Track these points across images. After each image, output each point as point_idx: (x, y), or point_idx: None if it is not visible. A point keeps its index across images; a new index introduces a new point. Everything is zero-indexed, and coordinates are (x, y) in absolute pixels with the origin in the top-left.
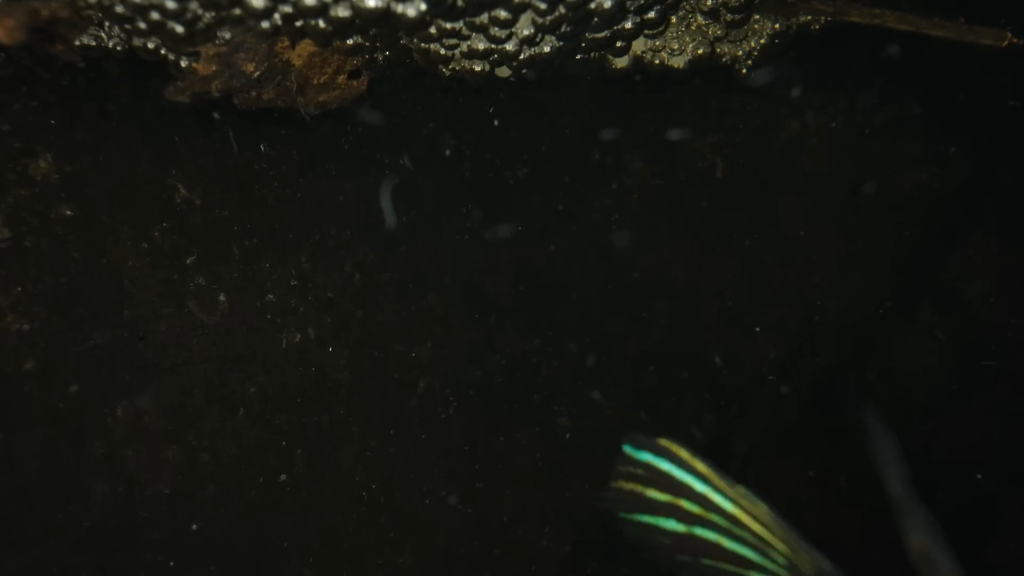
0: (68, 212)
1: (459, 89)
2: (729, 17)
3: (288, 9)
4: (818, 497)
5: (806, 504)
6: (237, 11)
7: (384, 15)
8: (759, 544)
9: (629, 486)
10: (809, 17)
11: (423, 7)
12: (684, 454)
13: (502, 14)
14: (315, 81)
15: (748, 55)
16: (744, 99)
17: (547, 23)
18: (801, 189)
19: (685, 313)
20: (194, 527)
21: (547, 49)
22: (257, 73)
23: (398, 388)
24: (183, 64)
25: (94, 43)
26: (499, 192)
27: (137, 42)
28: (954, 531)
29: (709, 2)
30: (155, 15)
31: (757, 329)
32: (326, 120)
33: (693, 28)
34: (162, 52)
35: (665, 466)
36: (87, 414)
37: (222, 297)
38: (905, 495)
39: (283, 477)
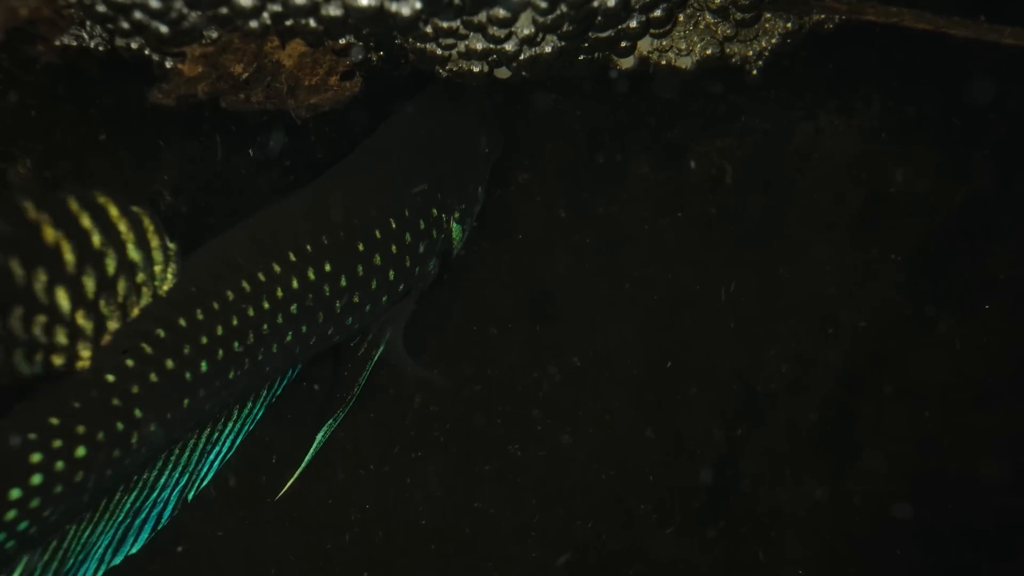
0: None
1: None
2: (739, 16)
3: (277, 8)
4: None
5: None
6: (224, 10)
7: (378, 14)
8: None
9: None
10: (823, 16)
11: (418, 5)
12: None
13: (501, 13)
14: (306, 82)
15: (759, 55)
16: (754, 101)
17: (548, 22)
18: (813, 194)
19: (692, 324)
20: (179, 549)
21: (548, 49)
22: (245, 74)
23: (394, 403)
24: (168, 65)
25: (75, 43)
26: (499, 197)
27: (120, 42)
28: (975, 547)
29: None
30: (138, 14)
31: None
32: (318, 123)
33: (701, 27)
34: (146, 53)
35: None
36: None
37: None
38: None
39: (272, 496)
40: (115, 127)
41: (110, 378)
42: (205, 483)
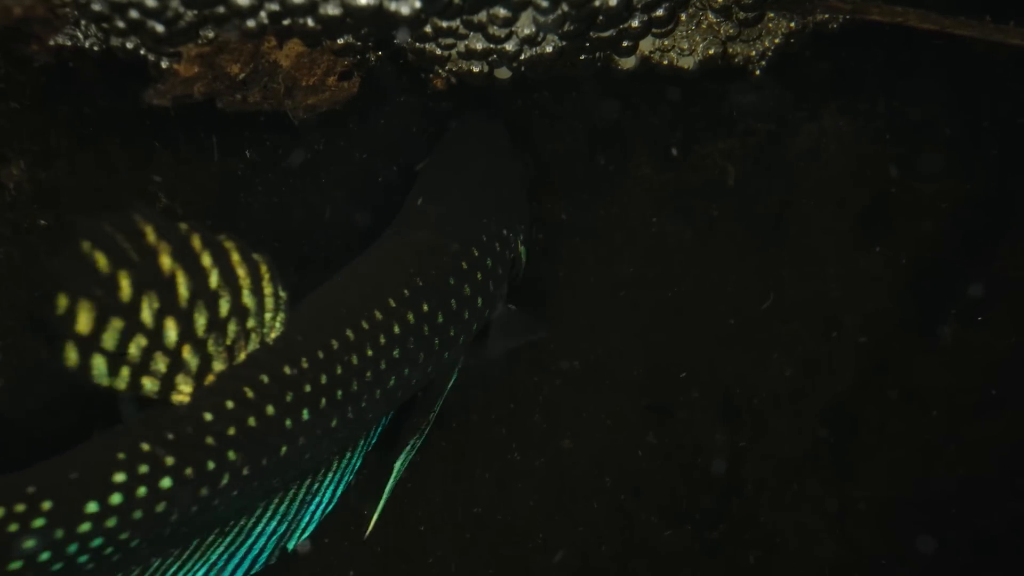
0: (42, 222)
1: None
2: (742, 15)
3: (275, 7)
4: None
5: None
6: (221, 9)
7: (376, 13)
8: None
9: None
10: (827, 15)
11: (417, 5)
12: None
13: (501, 12)
14: (304, 83)
15: (762, 55)
16: (757, 101)
17: (549, 22)
18: (817, 195)
19: (694, 327)
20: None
21: (549, 49)
22: (242, 75)
23: None
24: (163, 65)
25: (70, 43)
26: None
27: (115, 42)
28: (981, 553)
29: None
30: (134, 13)
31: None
32: (315, 124)
33: (704, 27)
34: (141, 52)
35: None
36: (63, 434)
37: None
38: None
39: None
40: (110, 128)
41: (208, 416)
42: (306, 535)
